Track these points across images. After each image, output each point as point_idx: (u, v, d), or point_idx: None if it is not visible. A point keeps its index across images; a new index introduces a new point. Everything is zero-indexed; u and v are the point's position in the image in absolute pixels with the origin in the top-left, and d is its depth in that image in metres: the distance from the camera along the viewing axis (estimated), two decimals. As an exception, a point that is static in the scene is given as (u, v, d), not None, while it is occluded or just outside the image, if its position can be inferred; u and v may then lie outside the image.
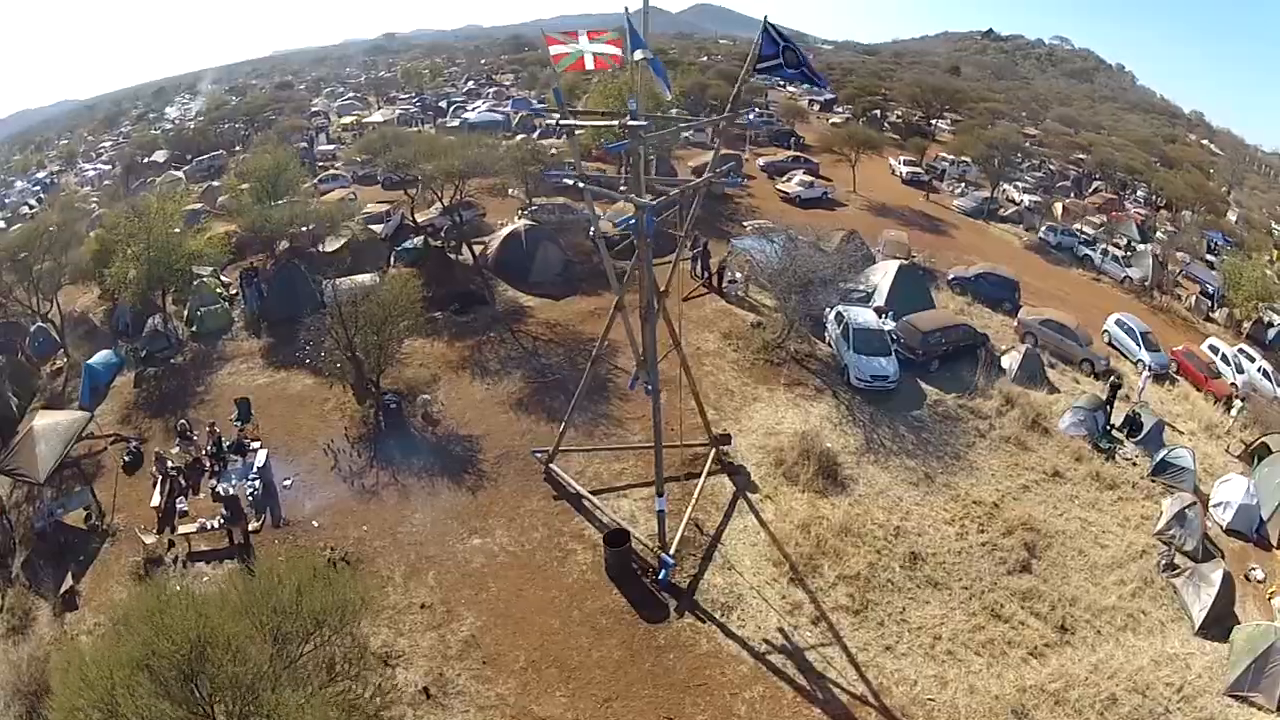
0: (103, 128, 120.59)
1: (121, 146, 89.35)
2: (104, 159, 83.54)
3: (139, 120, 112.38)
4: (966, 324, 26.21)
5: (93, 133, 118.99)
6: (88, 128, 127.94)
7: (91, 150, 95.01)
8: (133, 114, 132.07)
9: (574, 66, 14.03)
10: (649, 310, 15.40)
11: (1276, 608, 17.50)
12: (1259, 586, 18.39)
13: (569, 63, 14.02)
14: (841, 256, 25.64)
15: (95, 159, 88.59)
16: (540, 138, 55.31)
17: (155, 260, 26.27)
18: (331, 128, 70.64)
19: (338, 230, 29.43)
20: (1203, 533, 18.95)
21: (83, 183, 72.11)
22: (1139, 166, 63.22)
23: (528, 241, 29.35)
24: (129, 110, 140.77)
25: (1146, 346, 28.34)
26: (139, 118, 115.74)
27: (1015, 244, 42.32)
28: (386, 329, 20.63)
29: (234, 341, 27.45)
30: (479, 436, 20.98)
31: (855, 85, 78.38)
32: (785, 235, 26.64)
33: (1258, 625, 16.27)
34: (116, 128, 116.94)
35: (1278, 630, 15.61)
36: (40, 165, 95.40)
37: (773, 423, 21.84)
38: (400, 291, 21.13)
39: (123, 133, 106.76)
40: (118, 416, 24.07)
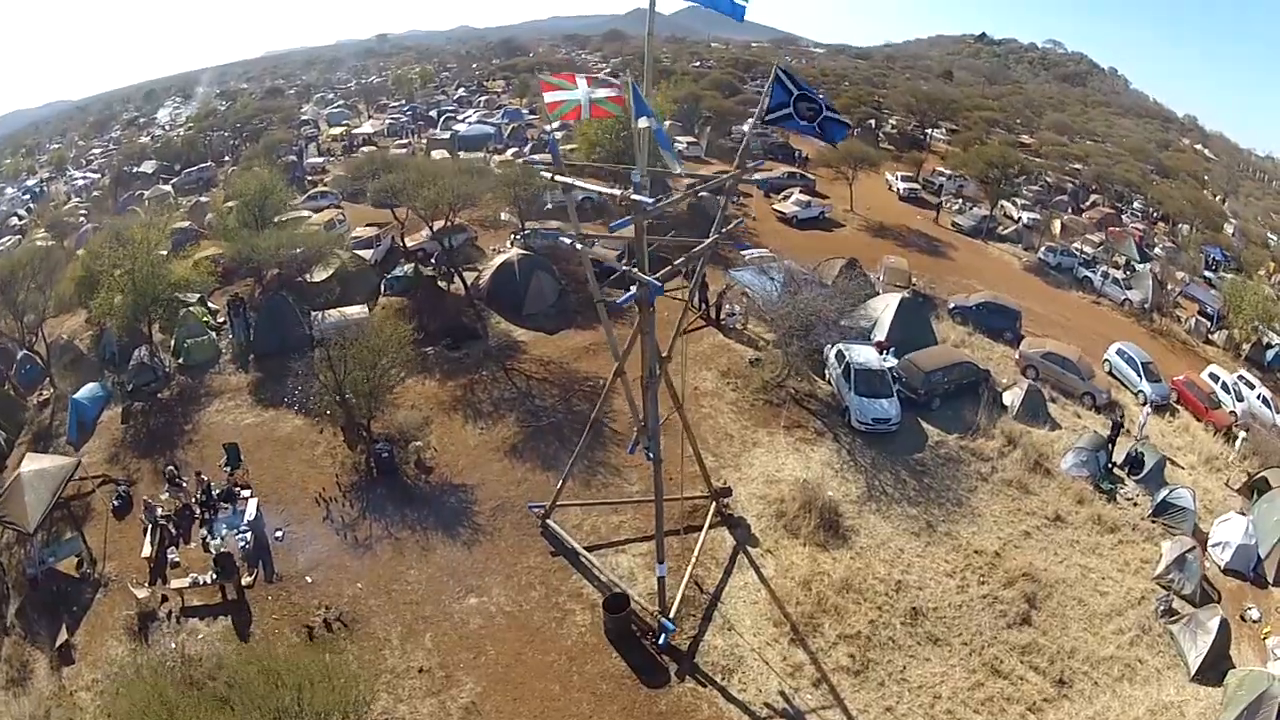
0: (93, 131, 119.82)
1: (111, 154, 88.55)
2: (93, 166, 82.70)
3: (129, 125, 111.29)
4: (969, 360, 25.89)
5: (84, 137, 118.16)
6: (79, 131, 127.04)
7: (81, 157, 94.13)
8: (123, 118, 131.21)
9: (570, 115, 13.47)
10: (651, 378, 14.97)
11: (1271, 647, 17.59)
12: (1254, 627, 18.42)
13: (565, 111, 13.37)
14: (843, 298, 25.19)
15: (85, 165, 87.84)
16: (532, 151, 54.76)
17: (140, 290, 25.80)
18: (321, 137, 70.00)
19: (326, 259, 28.80)
20: (1201, 576, 18.95)
21: (72, 192, 71.36)
22: (1136, 179, 63.05)
23: (520, 271, 28.84)
24: (120, 114, 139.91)
25: (1148, 377, 28.16)
26: (129, 122, 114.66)
27: (1014, 265, 42.04)
28: (377, 374, 20.11)
29: (221, 375, 26.93)
30: (473, 486, 20.54)
31: (849, 95, 77.91)
32: (785, 270, 26.21)
33: (1251, 671, 16.33)
34: (107, 132, 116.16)
35: (1270, 676, 15.72)
36: (31, 171, 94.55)
37: (773, 470, 21.46)
38: (391, 335, 20.59)
39: (113, 138, 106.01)
40: (105, 455, 23.62)
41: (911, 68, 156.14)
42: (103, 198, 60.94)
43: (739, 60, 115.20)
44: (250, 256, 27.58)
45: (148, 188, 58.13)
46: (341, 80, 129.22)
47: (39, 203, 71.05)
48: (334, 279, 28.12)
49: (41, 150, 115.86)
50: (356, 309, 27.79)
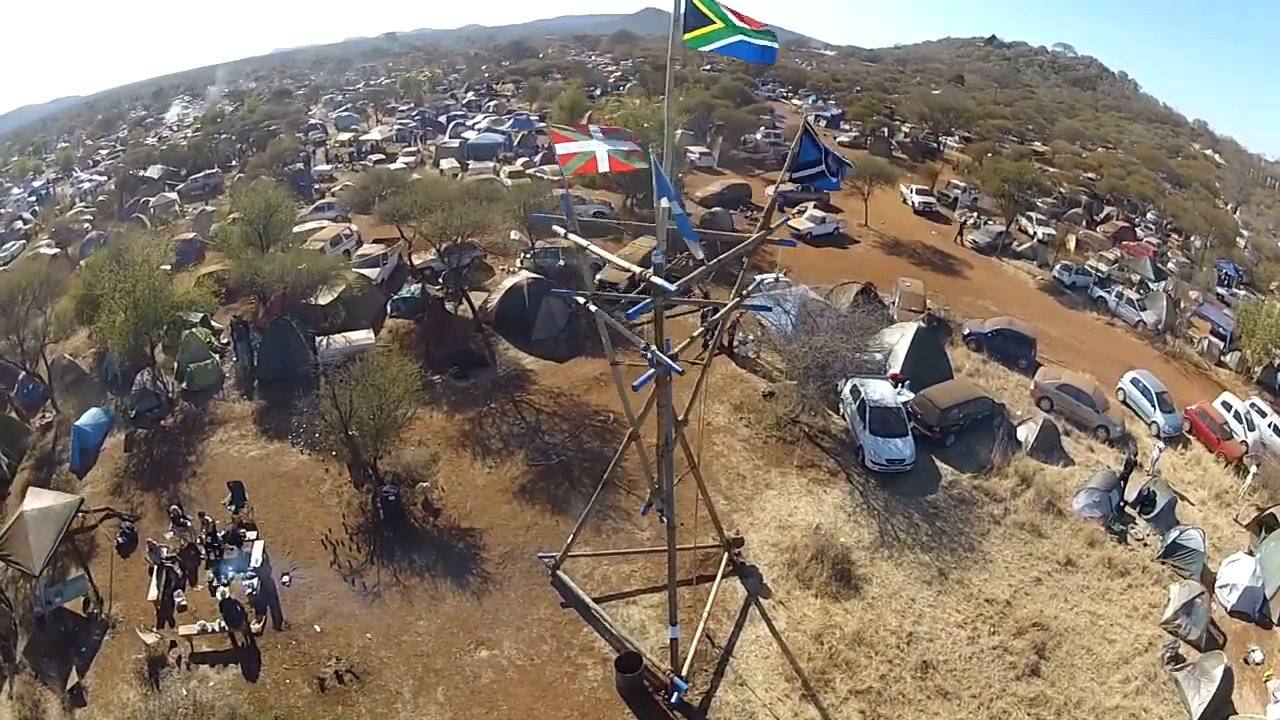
0: (100, 130, 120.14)
1: (118, 155, 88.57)
2: (100, 169, 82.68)
3: (136, 125, 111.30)
4: (984, 395, 25.46)
5: (91, 136, 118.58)
6: (86, 130, 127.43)
7: (89, 157, 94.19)
8: (131, 117, 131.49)
9: (585, 168, 12.92)
10: (666, 446, 14.58)
11: (1272, 690, 17.43)
12: (1256, 670, 18.25)
13: (579, 164, 12.74)
14: (859, 335, 24.73)
15: (92, 167, 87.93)
16: (543, 160, 54.30)
17: (142, 313, 25.50)
18: (329, 143, 69.72)
19: (331, 282, 28.43)
20: (1208, 620, 18.82)
21: (78, 194, 71.33)
22: (1150, 193, 62.40)
23: (529, 296, 28.39)
24: (127, 112, 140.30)
25: (1161, 408, 27.82)
26: (137, 122, 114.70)
27: (1029, 284, 41.49)
28: (383, 415, 19.79)
29: (225, 402, 26.63)
30: (482, 531, 20.18)
31: (862, 103, 77.25)
32: (800, 300, 25.76)
33: (1250, 718, 16.40)
34: (114, 131, 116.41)
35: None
36: (37, 171, 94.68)
37: (785, 514, 21.07)
38: (397, 374, 20.24)
39: (120, 138, 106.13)
40: (109, 485, 23.36)
41: (922, 71, 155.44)
42: (108, 203, 60.86)
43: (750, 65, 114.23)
44: (253, 281, 27.19)
45: (153, 193, 58.03)
46: (350, 81, 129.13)
47: (45, 205, 71.13)
48: (339, 302, 27.68)
49: (49, 149, 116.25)
50: (362, 334, 27.44)
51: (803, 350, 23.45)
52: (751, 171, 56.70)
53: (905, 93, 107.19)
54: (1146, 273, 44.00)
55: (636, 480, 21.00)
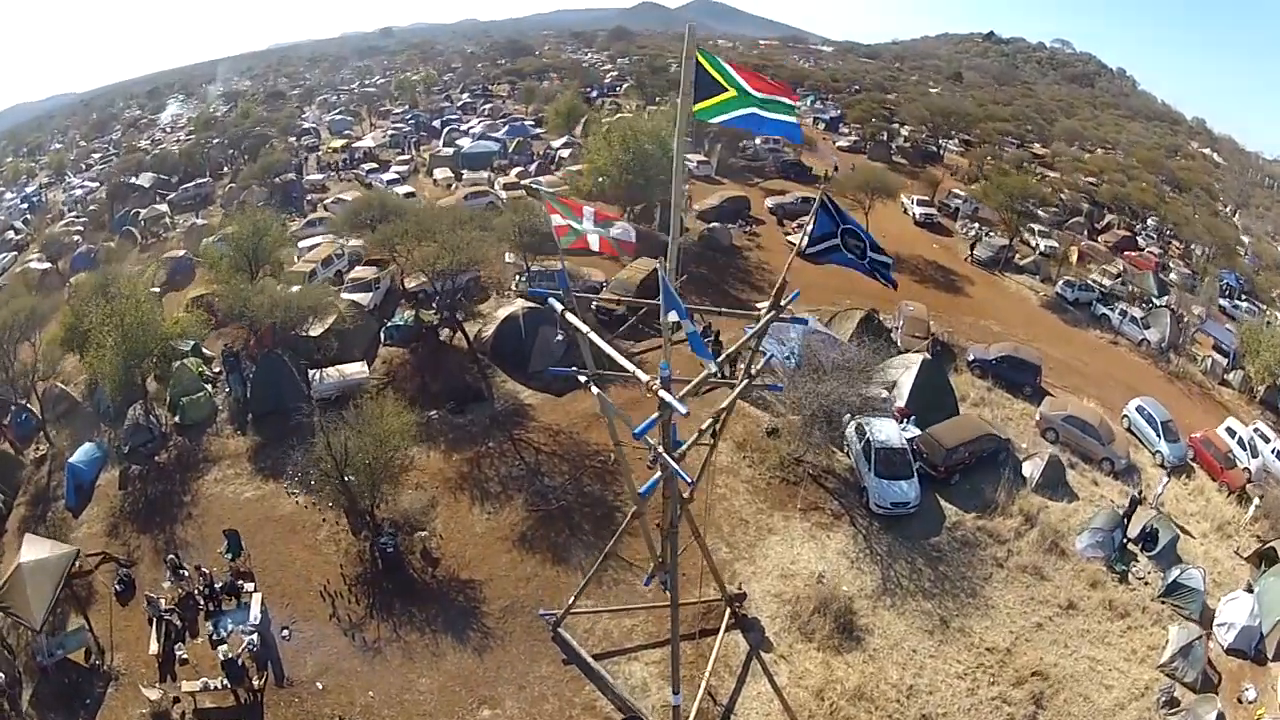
0: (94, 131, 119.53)
1: (110, 159, 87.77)
2: (92, 174, 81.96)
3: (129, 128, 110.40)
4: (990, 432, 25.12)
5: (85, 137, 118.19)
6: (80, 130, 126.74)
7: (81, 161, 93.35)
8: (125, 117, 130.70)
9: (578, 245, 12.63)
10: (672, 527, 14.22)
11: None
12: (1249, 708, 18.20)
13: (572, 239, 12.49)
14: (864, 377, 24.35)
15: (84, 171, 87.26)
16: (538, 170, 53.71)
17: (131, 348, 25.04)
18: (322, 149, 68.95)
19: (322, 314, 27.91)
20: (1205, 662, 18.75)
21: (70, 202, 70.63)
22: (1151, 201, 62.02)
23: (526, 326, 27.86)
24: (122, 112, 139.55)
25: (1166, 437, 27.58)
26: (130, 124, 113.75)
27: (1031, 301, 41.09)
28: (379, 465, 19.41)
29: (219, 438, 26.22)
30: (481, 583, 19.80)
31: (862, 106, 76.58)
32: (804, 333, 25.35)
33: None
34: (108, 132, 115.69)
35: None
36: (30, 175, 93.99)
37: (788, 562, 20.74)
38: (394, 424, 19.83)
39: (113, 140, 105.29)
40: (105, 525, 23.10)
41: (920, 68, 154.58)
42: (99, 212, 60.14)
43: (748, 65, 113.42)
44: (242, 313, 26.74)
45: (144, 203, 57.44)
46: (345, 80, 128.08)
47: (36, 214, 70.42)
48: (331, 333, 27.15)
49: (44, 149, 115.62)
50: (356, 367, 27.00)
51: (809, 397, 23.03)
52: (750, 180, 56.22)
53: (904, 92, 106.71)
54: (1150, 288, 43.64)
55: (637, 529, 20.66)
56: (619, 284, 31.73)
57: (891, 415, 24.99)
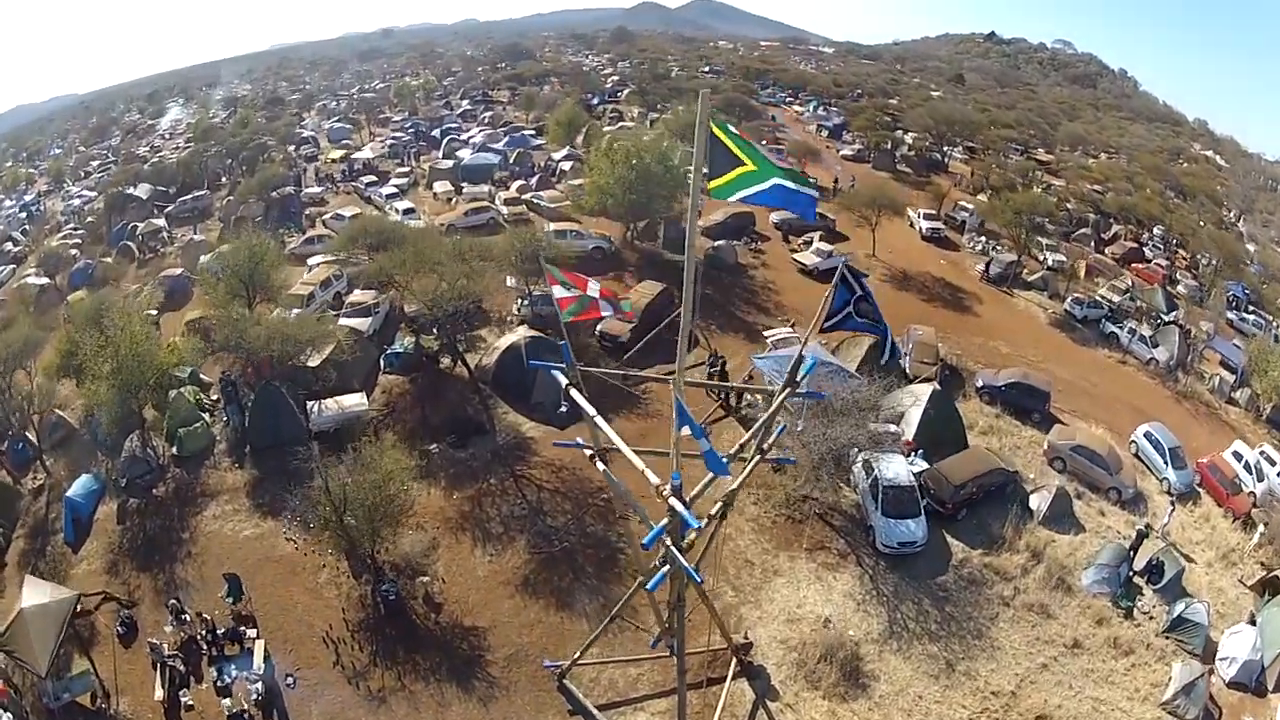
0: (94, 137, 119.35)
1: (109, 166, 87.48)
2: (90, 182, 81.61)
3: (128, 134, 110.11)
4: (999, 466, 24.77)
5: (85, 142, 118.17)
6: (80, 135, 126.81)
7: (80, 168, 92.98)
8: (125, 121, 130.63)
9: (586, 314, 12.14)
10: (679, 601, 13.86)
11: None
12: None
13: (579, 310, 12.02)
14: (875, 417, 24.00)
15: (83, 178, 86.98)
16: (539, 184, 53.13)
17: (127, 380, 24.79)
18: (321, 158, 68.44)
19: (320, 344, 27.52)
20: (1207, 698, 18.59)
21: (68, 212, 70.31)
22: (1157, 211, 61.57)
23: (528, 356, 27.18)
24: (122, 116, 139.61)
25: (1174, 464, 27.27)
26: (129, 130, 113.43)
27: (1040, 318, 40.63)
28: (379, 511, 19.10)
29: (216, 471, 25.87)
30: (485, 629, 19.45)
31: (866, 115, 76.03)
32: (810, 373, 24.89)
33: None
34: (107, 138, 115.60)
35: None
36: (30, 182, 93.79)
37: (794, 605, 20.39)
38: (393, 470, 19.48)
39: (112, 146, 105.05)
40: (104, 562, 22.83)
41: (922, 70, 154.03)
42: (97, 224, 59.71)
43: (750, 69, 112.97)
44: (239, 345, 26.39)
45: (141, 215, 57.02)
46: (345, 85, 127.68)
47: (35, 224, 70.09)
48: (329, 364, 26.74)
49: (44, 154, 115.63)
50: (355, 399, 26.62)
51: (818, 441, 22.65)
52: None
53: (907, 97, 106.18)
54: (1158, 304, 43.20)
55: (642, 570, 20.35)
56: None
57: (899, 450, 24.60)
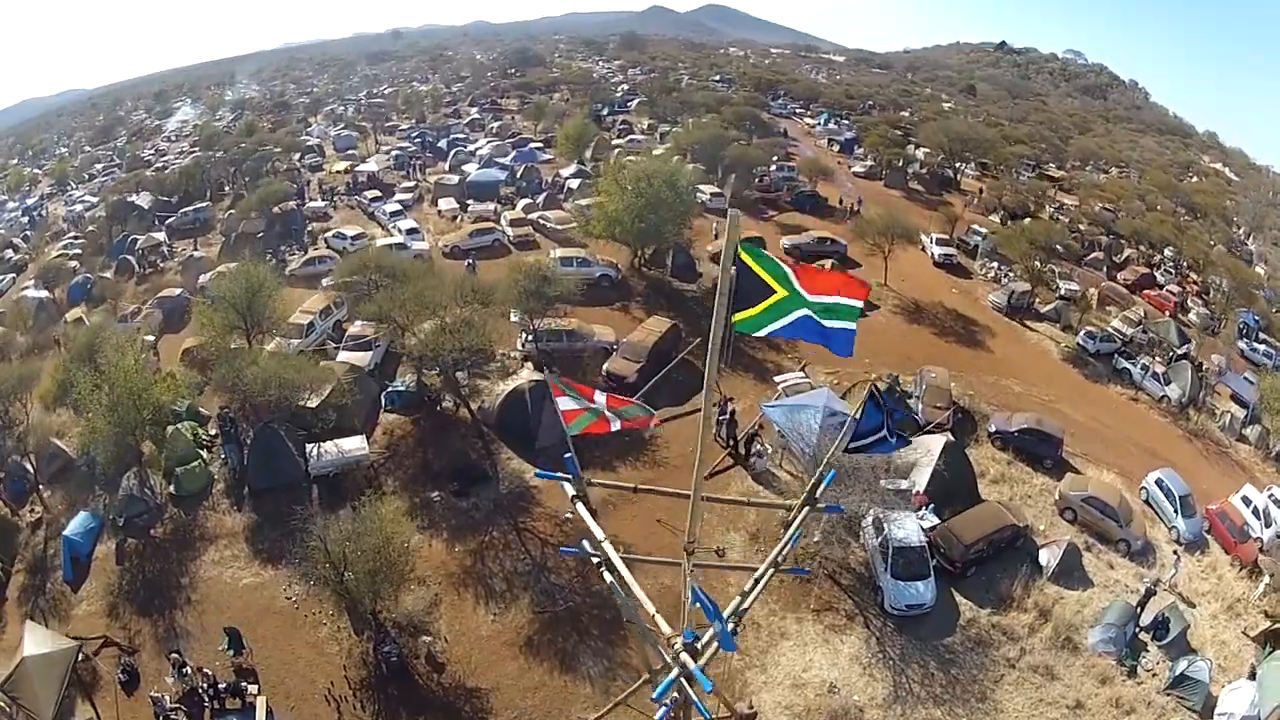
0: (99, 137, 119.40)
1: (113, 169, 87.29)
2: (94, 185, 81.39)
3: (133, 136, 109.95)
4: (1010, 524, 24.29)
5: (90, 142, 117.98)
6: (86, 134, 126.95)
7: (84, 170, 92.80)
8: (131, 121, 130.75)
9: (594, 428, 11.19)
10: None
11: None
12: None
13: (587, 423, 10.95)
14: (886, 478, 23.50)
15: (87, 181, 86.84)
16: (546, 202, 52.42)
17: (122, 420, 24.43)
18: (326, 167, 67.88)
19: (319, 384, 27.07)
20: None
21: (70, 218, 70.12)
22: (1170, 236, 60.96)
23: (532, 401, 26.76)
24: (129, 114, 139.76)
25: (1183, 512, 27.00)
26: (135, 131, 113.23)
27: (1052, 353, 39.95)
28: (379, 576, 18.68)
29: (215, 513, 25.44)
30: (488, 692, 19.01)
31: (878, 133, 75.37)
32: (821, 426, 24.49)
33: None
34: (113, 138, 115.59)
35: None
36: (33, 183, 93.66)
37: (800, 670, 19.94)
38: (392, 533, 19.05)
39: (117, 147, 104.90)
40: (104, 604, 22.60)
41: (933, 80, 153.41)
42: (97, 234, 59.28)
43: (761, 80, 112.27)
44: (236, 385, 25.95)
45: (143, 225, 56.78)
46: (353, 88, 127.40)
47: (36, 229, 69.86)
48: (329, 406, 26.24)
49: (49, 153, 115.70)
50: (355, 442, 26.09)
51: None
52: (764, 213, 54.99)
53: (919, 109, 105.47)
54: (1171, 337, 42.56)
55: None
56: (630, 347, 30.70)
57: (910, 505, 24.08)
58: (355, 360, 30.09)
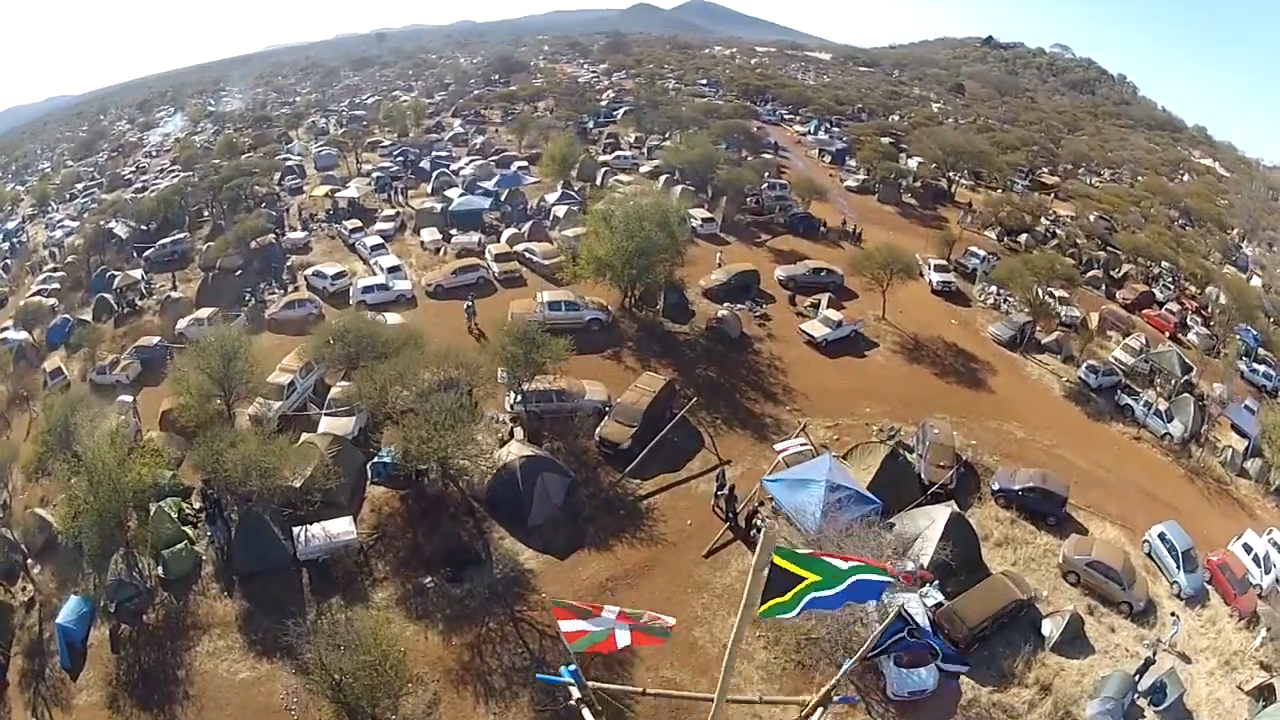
0: (82, 150, 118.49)
1: (93, 190, 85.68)
2: (74, 209, 79.75)
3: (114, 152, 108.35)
4: (1015, 600, 23.74)
5: (73, 155, 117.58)
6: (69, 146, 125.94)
7: (65, 190, 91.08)
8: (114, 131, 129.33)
9: (602, 646, 10.14)
10: None
11: None
12: None
13: (593, 641, 9.93)
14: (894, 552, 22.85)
15: (68, 200, 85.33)
16: (532, 232, 50.62)
17: (104, 510, 23.71)
18: (307, 188, 66.16)
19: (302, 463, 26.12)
20: None
21: (51, 245, 68.62)
22: (1170, 254, 60.50)
23: (523, 478, 25.86)
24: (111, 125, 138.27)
25: (1185, 566, 26.79)
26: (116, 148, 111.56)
27: (1053, 390, 39.14)
28: (378, 686, 17.95)
29: (205, 598, 24.58)
30: (491, 812, 18.34)
31: (871, 147, 74.28)
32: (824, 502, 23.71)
33: None
34: (95, 151, 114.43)
35: None
36: (15, 202, 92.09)
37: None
38: (389, 651, 18.27)
39: (98, 164, 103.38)
40: (104, 696, 22.15)
41: (921, 78, 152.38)
42: (76, 266, 57.83)
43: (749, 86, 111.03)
44: (216, 470, 25.05)
45: (120, 258, 55.46)
46: (335, 97, 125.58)
47: (17, 257, 68.39)
48: (312, 489, 25.21)
49: (33, 168, 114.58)
50: (343, 526, 25.17)
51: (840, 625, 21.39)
52: (757, 237, 53.99)
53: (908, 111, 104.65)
54: (1173, 367, 41.94)
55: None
56: (624, 410, 29.73)
57: (914, 587, 23.32)
58: (337, 429, 28.99)
